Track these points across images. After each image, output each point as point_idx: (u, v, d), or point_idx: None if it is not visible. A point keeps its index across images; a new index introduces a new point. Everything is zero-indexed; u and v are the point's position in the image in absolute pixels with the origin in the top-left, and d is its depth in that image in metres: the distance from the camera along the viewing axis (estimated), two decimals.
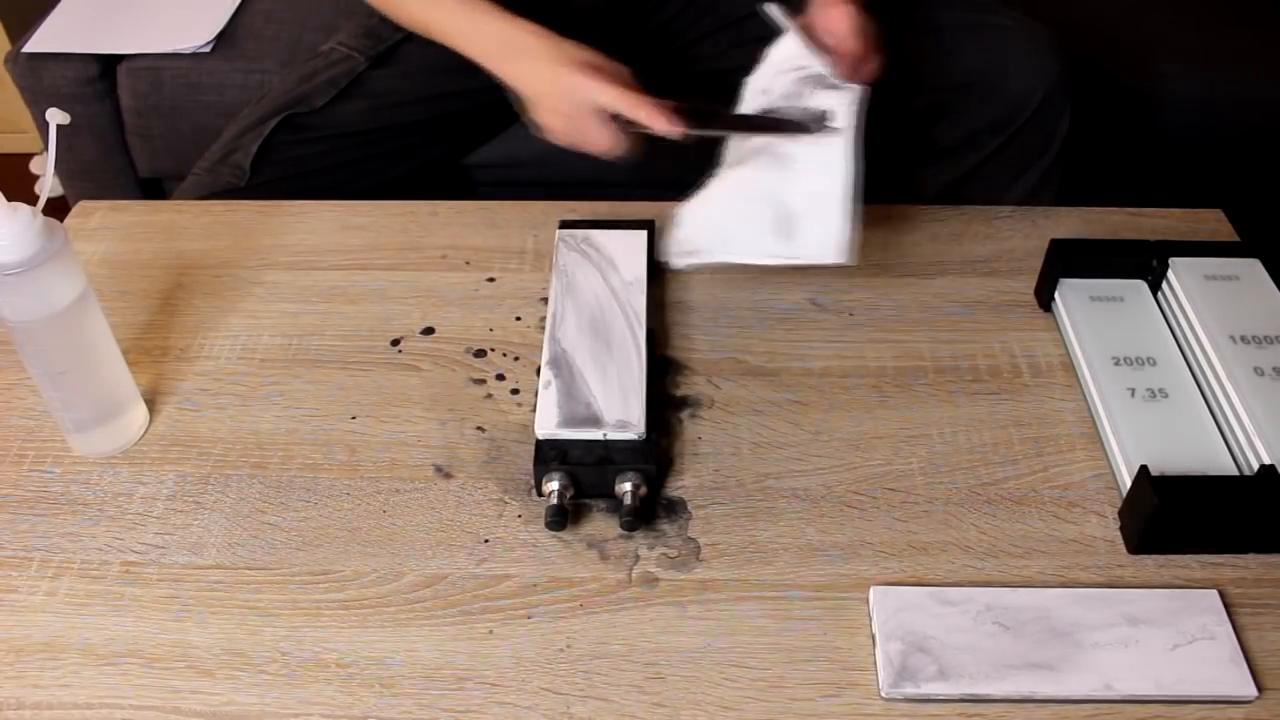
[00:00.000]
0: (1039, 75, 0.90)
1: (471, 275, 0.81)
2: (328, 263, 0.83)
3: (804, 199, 0.59)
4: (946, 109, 0.94)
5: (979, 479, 0.66)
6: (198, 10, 1.29)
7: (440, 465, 0.67)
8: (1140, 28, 1.28)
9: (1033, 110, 0.91)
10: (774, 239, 0.58)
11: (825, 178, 0.60)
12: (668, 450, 0.68)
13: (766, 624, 0.58)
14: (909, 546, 0.62)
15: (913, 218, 0.86)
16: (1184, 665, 0.55)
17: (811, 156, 0.61)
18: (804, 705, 0.55)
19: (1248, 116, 1.22)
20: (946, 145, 0.96)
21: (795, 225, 0.58)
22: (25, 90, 1.25)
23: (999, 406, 0.71)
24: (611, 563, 0.61)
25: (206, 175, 1.01)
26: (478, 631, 0.58)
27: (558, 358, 0.69)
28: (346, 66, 1.04)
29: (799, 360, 0.74)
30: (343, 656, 0.57)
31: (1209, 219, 0.86)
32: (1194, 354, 0.70)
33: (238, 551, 0.62)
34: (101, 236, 0.86)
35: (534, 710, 0.54)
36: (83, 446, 0.68)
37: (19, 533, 0.63)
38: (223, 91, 1.22)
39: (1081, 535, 0.63)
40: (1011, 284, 0.80)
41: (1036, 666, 0.55)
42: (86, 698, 0.55)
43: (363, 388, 0.72)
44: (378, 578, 0.61)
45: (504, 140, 1.17)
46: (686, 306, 0.79)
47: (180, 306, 0.79)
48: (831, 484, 0.66)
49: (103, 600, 0.60)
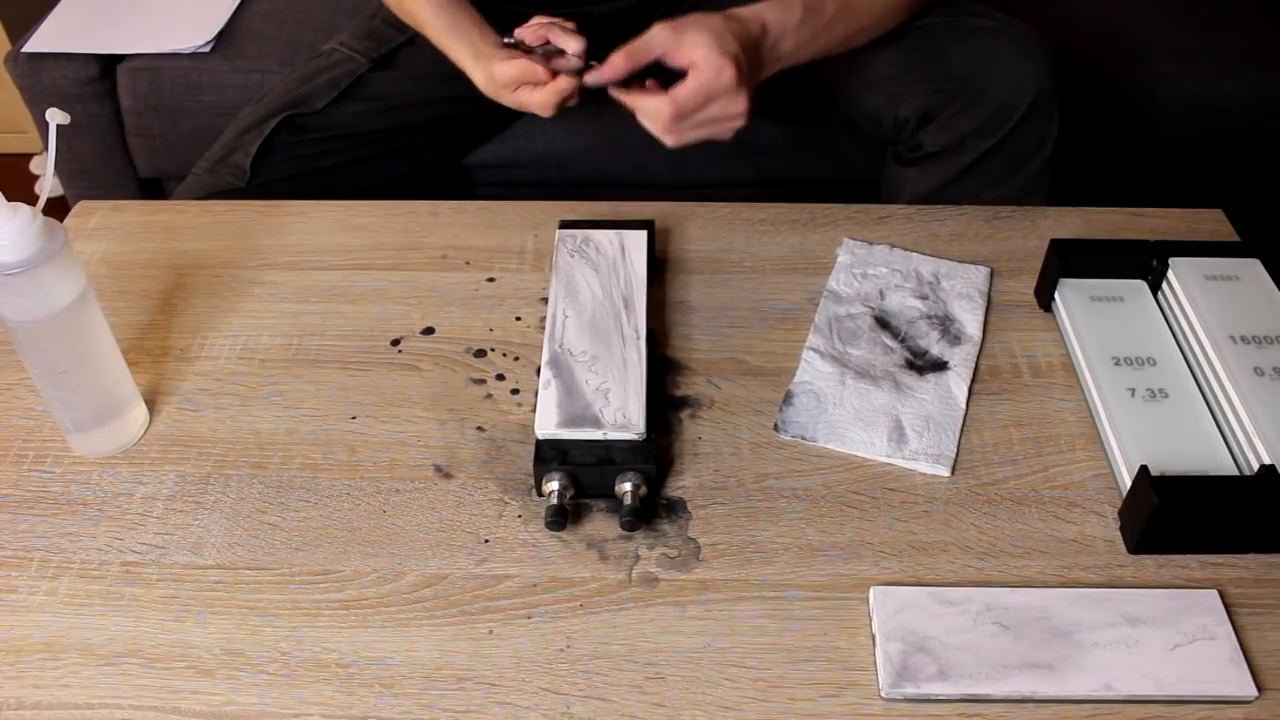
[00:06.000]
0: (1028, 79, 0.90)
1: (471, 275, 0.81)
2: (328, 263, 0.83)
3: (919, 419, 0.69)
4: (934, 112, 0.94)
5: (979, 479, 0.66)
6: (198, 10, 1.29)
7: (440, 465, 0.67)
8: (1139, 27, 1.28)
9: (1022, 114, 0.91)
10: (887, 444, 0.68)
11: (939, 405, 0.70)
12: (668, 450, 0.68)
13: (766, 624, 0.58)
14: (909, 546, 0.62)
15: (913, 218, 0.86)
16: (1184, 665, 0.55)
17: (928, 389, 0.71)
18: (804, 705, 0.55)
19: (1246, 116, 1.22)
20: (935, 149, 0.96)
21: (906, 435, 0.68)
22: (25, 90, 1.25)
23: (999, 406, 0.71)
24: (611, 563, 0.61)
25: (206, 175, 1.01)
26: (478, 631, 0.58)
27: (558, 358, 0.69)
28: (348, 68, 1.04)
29: (798, 360, 0.74)
30: (343, 656, 0.57)
31: (1209, 219, 0.86)
32: (1194, 354, 0.70)
33: (238, 551, 0.62)
34: (101, 236, 0.86)
35: (534, 710, 0.54)
36: (83, 446, 0.68)
37: (19, 533, 0.63)
38: (223, 91, 1.22)
39: (1081, 535, 0.63)
40: (1011, 284, 0.80)
41: (1036, 666, 0.55)
42: (86, 698, 0.55)
43: (363, 388, 0.72)
44: (378, 578, 0.61)
45: (504, 140, 1.18)
46: (686, 306, 0.79)
47: (180, 306, 0.79)
48: (831, 484, 0.66)
49: (103, 600, 0.60)
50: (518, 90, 0.85)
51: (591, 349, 0.69)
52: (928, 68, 0.93)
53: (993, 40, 0.92)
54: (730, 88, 0.73)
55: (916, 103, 0.94)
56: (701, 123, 0.76)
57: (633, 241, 0.78)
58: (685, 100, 0.73)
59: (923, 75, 0.93)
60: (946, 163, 0.97)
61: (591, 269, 0.76)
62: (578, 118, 1.17)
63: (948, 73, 0.92)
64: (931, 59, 0.93)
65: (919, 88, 0.94)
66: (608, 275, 0.75)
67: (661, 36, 0.74)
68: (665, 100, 0.73)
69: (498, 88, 0.86)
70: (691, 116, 0.75)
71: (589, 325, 0.71)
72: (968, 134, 0.94)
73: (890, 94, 0.95)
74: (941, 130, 0.95)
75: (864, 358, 0.73)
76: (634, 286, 0.74)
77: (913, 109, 0.95)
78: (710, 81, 0.73)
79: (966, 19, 0.93)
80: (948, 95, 0.93)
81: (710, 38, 0.73)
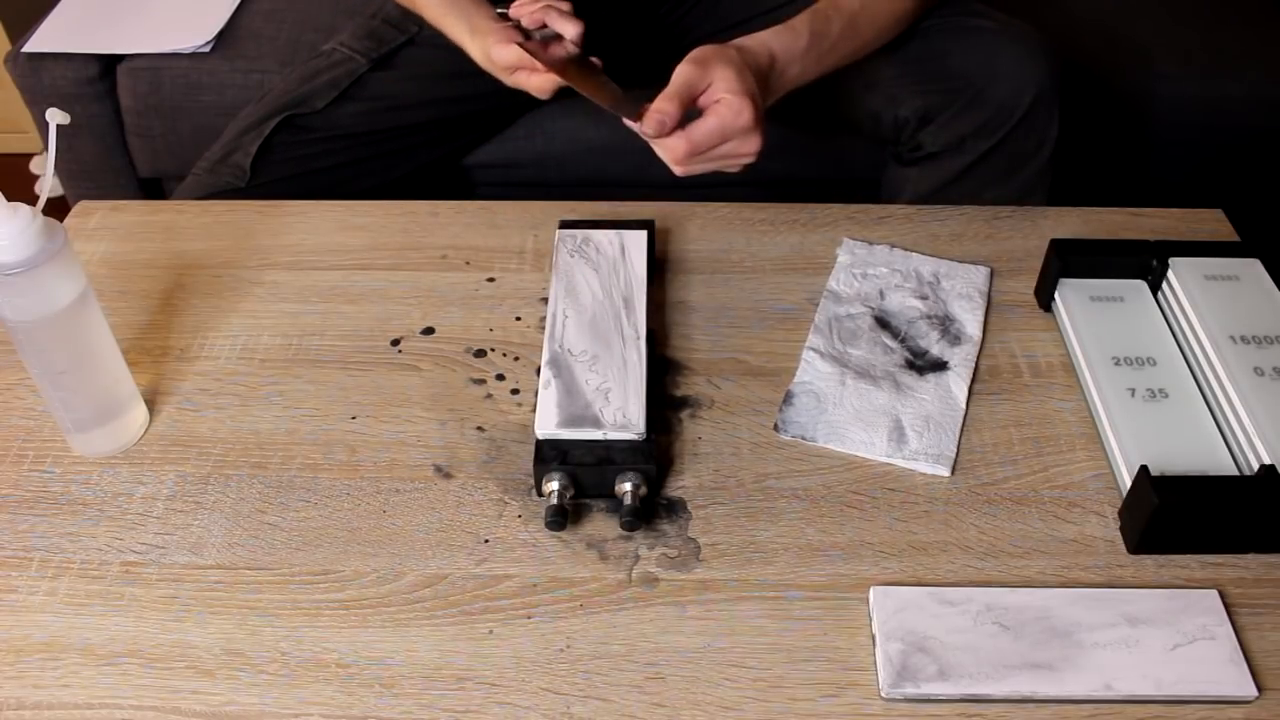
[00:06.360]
0: (1028, 79, 0.90)
1: (471, 275, 0.81)
2: (328, 263, 0.83)
3: (919, 419, 0.69)
4: (935, 113, 0.94)
5: (979, 479, 0.66)
6: (198, 10, 1.29)
7: (440, 465, 0.67)
8: (1139, 27, 1.28)
9: (1022, 114, 0.91)
10: (887, 444, 0.68)
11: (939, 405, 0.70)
12: (668, 450, 0.68)
13: (766, 624, 0.58)
14: (909, 546, 0.62)
15: (913, 218, 0.86)
16: (1184, 665, 0.55)
17: (928, 389, 0.71)
18: (804, 705, 0.55)
19: (1246, 116, 1.22)
20: (935, 149, 0.96)
21: (906, 435, 0.68)
22: (25, 90, 1.25)
23: (999, 406, 0.71)
24: (611, 563, 0.61)
25: (206, 175, 1.01)
26: (478, 631, 0.58)
27: (557, 358, 0.69)
28: (348, 68, 1.04)
29: (798, 360, 0.74)
30: (343, 656, 0.57)
31: (1209, 219, 0.85)
32: (1194, 354, 0.70)
33: (238, 551, 0.62)
34: (101, 236, 0.86)
35: (534, 710, 0.54)
36: (83, 446, 0.68)
37: (19, 533, 0.63)
38: (223, 91, 1.22)
39: (1081, 535, 0.63)
40: (1011, 284, 0.80)
41: (1036, 666, 0.55)
42: (86, 698, 0.55)
43: (363, 388, 0.72)
44: (378, 578, 0.61)
45: (504, 140, 1.18)
46: (686, 306, 0.79)
47: (180, 306, 0.79)
48: (831, 484, 0.66)
49: (103, 600, 0.60)
50: (516, 73, 0.85)
51: (591, 349, 0.69)
52: (928, 68, 0.93)
53: (993, 40, 0.92)
54: (747, 128, 0.73)
55: (917, 103, 0.94)
56: (714, 158, 0.75)
57: (633, 241, 0.78)
58: (701, 139, 0.73)
59: (923, 76, 0.93)
60: (946, 163, 0.97)
61: (591, 269, 0.76)
62: (578, 118, 1.17)
63: (948, 73, 0.92)
64: (931, 59, 0.93)
65: (919, 88, 0.94)
66: (608, 275, 0.75)
67: (693, 75, 0.73)
68: (680, 137, 0.73)
69: (497, 68, 0.86)
70: (706, 153, 0.74)
71: (589, 325, 0.71)
72: (968, 134, 0.94)
73: (890, 95, 0.95)
74: (942, 130, 0.95)
75: (864, 358, 0.73)
76: (634, 286, 0.74)
77: (913, 109, 0.95)
78: (729, 121, 0.72)
79: (966, 19, 0.93)
80: (948, 96, 0.93)
81: (733, 73, 0.73)
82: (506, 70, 0.86)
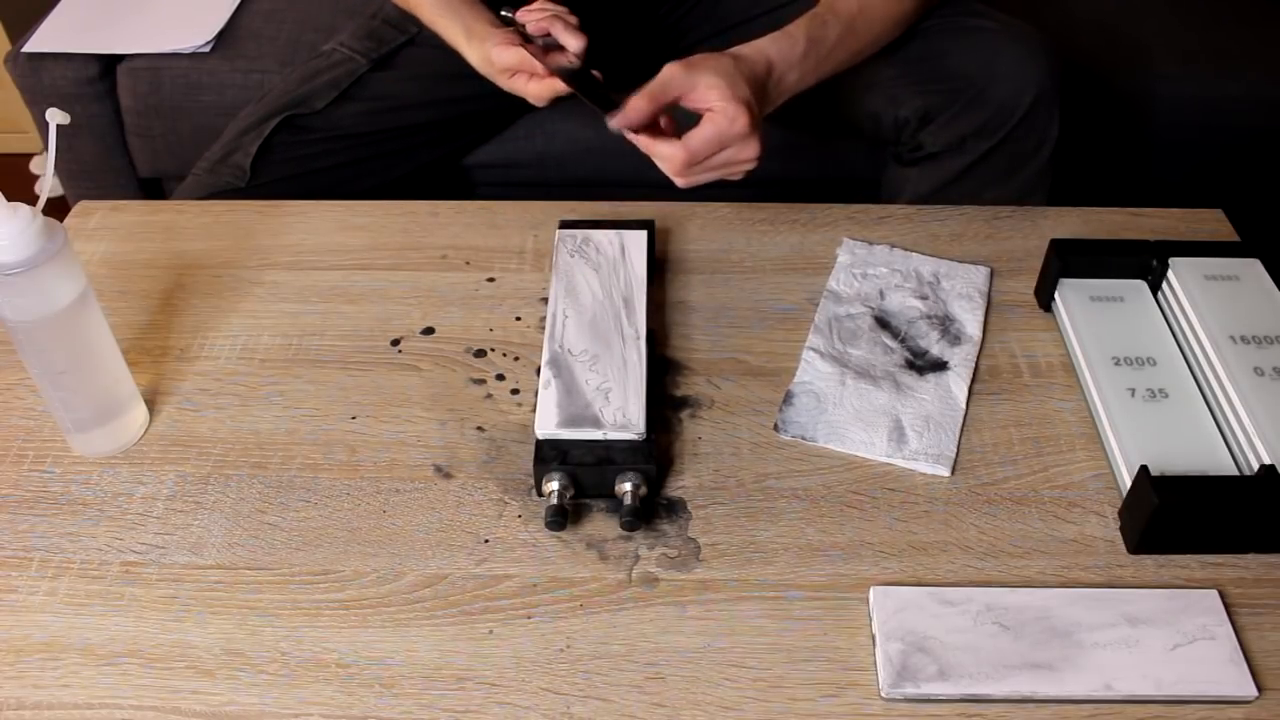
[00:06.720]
0: (1028, 80, 0.90)
1: (471, 275, 0.81)
2: (328, 263, 0.83)
3: (919, 419, 0.69)
4: (935, 113, 0.94)
5: (979, 479, 0.66)
6: (197, 10, 1.29)
7: (440, 465, 0.67)
8: (1139, 27, 1.28)
9: (1022, 114, 0.91)
10: (887, 444, 0.68)
11: (939, 405, 0.70)
12: (668, 450, 0.68)
13: (766, 624, 0.58)
14: (909, 546, 0.62)
15: (913, 218, 0.86)
16: (1184, 665, 0.55)
17: (928, 389, 0.71)
18: (804, 705, 0.55)
19: (1246, 116, 1.22)
20: (935, 149, 0.96)
21: (906, 435, 0.68)
22: (25, 90, 1.25)
23: (999, 406, 0.71)
24: (611, 563, 0.61)
25: (206, 175, 1.01)
26: (478, 631, 0.58)
27: (557, 358, 0.69)
28: (348, 68, 1.04)
29: (798, 360, 0.74)
30: (343, 656, 0.57)
31: (1209, 219, 0.86)
32: (1194, 354, 0.70)
33: (238, 551, 0.62)
34: (101, 236, 0.86)
35: (534, 710, 0.54)
36: (83, 446, 0.68)
37: (19, 533, 0.63)
38: (223, 91, 1.22)
39: (1081, 535, 0.63)
40: (1011, 284, 0.80)
41: (1036, 666, 0.55)
42: (86, 698, 0.55)
43: (363, 388, 0.72)
44: (378, 578, 0.61)
45: (504, 140, 1.18)
46: (686, 306, 0.79)
47: (180, 306, 0.79)
48: (831, 484, 0.66)
49: (102, 600, 0.60)
50: (515, 76, 0.85)
51: (591, 349, 0.69)
52: (928, 68, 0.93)
53: (993, 40, 0.92)
54: (743, 134, 0.73)
55: (917, 103, 0.94)
56: (713, 166, 0.75)
57: (633, 241, 0.78)
58: (698, 148, 0.73)
59: (923, 76, 0.93)
60: (947, 163, 0.97)
61: (591, 269, 0.76)
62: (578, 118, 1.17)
63: (948, 73, 0.92)
64: (931, 60, 0.93)
65: (919, 88, 0.94)
66: (608, 275, 0.75)
67: (678, 77, 0.74)
68: (679, 146, 0.73)
69: (494, 70, 0.86)
70: (704, 162, 0.74)
71: (589, 325, 0.71)
72: (968, 134, 0.94)
73: (890, 95, 0.95)
74: (942, 131, 0.95)
75: (864, 358, 0.73)
76: (634, 286, 0.74)
77: (913, 110, 0.95)
78: (725, 129, 0.72)
79: (966, 19, 0.93)
80: (948, 96, 0.93)
81: (725, 81, 0.73)
82: (505, 73, 0.86)
